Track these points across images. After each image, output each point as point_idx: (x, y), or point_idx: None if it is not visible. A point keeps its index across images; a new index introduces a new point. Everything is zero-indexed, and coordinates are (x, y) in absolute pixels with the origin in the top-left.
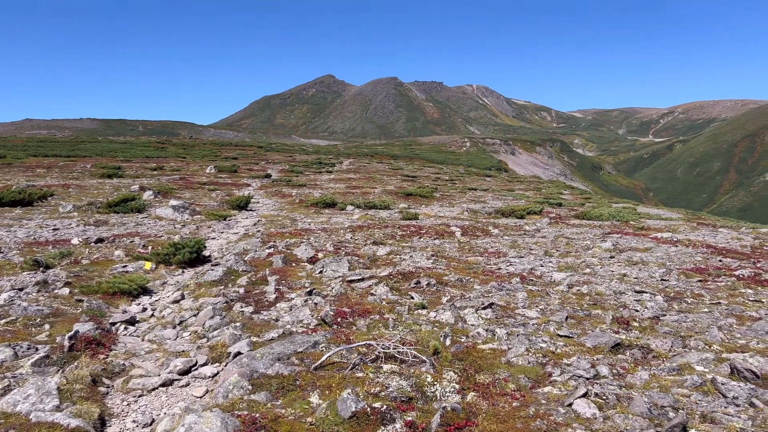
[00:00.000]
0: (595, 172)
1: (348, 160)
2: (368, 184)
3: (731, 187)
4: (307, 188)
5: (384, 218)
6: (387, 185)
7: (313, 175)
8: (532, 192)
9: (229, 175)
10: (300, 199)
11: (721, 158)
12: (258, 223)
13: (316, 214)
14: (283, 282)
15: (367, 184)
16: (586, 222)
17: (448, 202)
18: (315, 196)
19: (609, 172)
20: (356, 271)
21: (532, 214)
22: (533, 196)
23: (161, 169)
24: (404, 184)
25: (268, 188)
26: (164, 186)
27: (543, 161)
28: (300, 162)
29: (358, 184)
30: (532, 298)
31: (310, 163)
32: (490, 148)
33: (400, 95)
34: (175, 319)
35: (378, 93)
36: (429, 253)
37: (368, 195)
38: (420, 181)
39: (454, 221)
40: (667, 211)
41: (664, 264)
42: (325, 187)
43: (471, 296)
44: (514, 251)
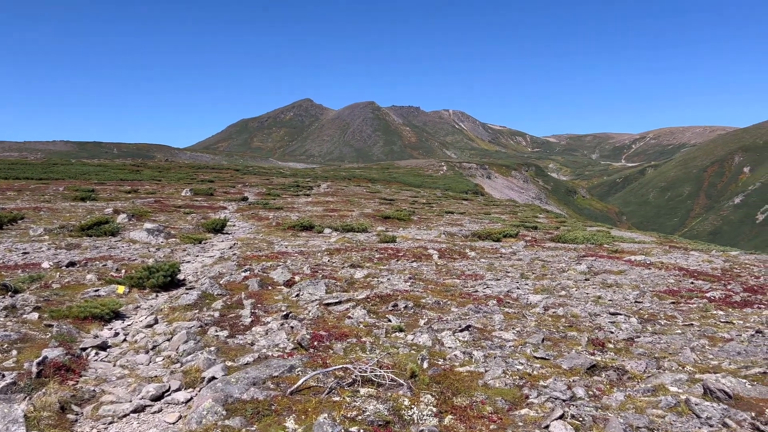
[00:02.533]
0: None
1: (325, 183)
2: (346, 207)
3: (701, 211)
4: (284, 211)
5: (362, 241)
6: (365, 208)
7: (291, 198)
8: (508, 215)
9: (205, 198)
10: (277, 222)
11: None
12: (234, 246)
13: (293, 237)
14: (259, 305)
15: (344, 207)
16: (562, 245)
17: (425, 225)
18: (292, 219)
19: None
20: (333, 294)
21: (509, 237)
22: (509, 220)
23: (136, 192)
24: (382, 207)
25: (245, 211)
26: (139, 209)
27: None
28: (277, 185)
29: (335, 207)
30: (509, 321)
31: (288, 186)
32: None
33: (377, 119)
34: (148, 344)
35: (356, 117)
36: (407, 276)
37: (346, 218)
38: (398, 204)
39: (431, 244)
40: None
41: (638, 286)
42: (302, 210)
43: (448, 319)
44: (491, 274)
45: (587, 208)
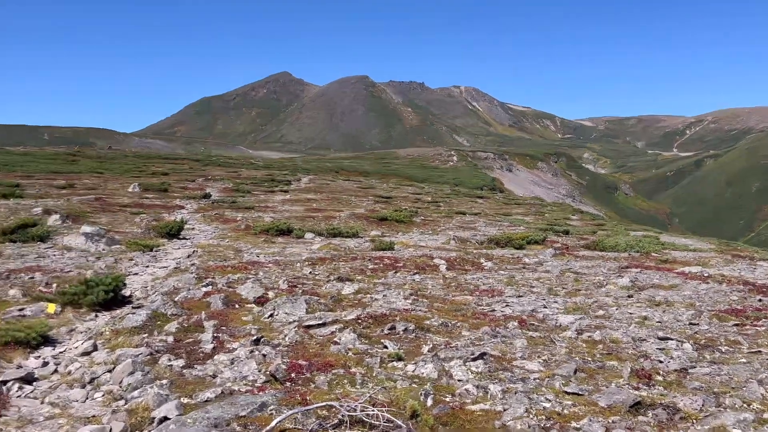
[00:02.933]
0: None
1: (307, 177)
2: (332, 206)
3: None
4: (256, 211)
5: (351, 248)
6: (356, 208)
7: (264, 196)
8: (532, 217)
9: (157, 195)
10: (247, 224)
11: (759, 176)
12: (193, 255)
13: (266, 243)
14: (223, 328)
15: (330, 207)
16: (599, 254)
17: (430, 229)
18: (266, 221)
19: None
20: (316, 314)
21: (534, 243)
22: (534, 222)
23: (72, 188)
24: (377, 207)
25: (207, 211)
26: (75, 208)
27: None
28: (247, 179)
29: (319, 207)
30: (534, 347)
31: (260, 180)
32: (481, 163)
33: (372, 98)
34: (85, 377)
35: (345, 95)
36: (407, 292)
37: (332, 220)
38: (396, 202)
39: (438, 252)
40: (696, 240)
41: (693, 304)
42: (278, 210)
43: (458, 345)
44: (512, 289)
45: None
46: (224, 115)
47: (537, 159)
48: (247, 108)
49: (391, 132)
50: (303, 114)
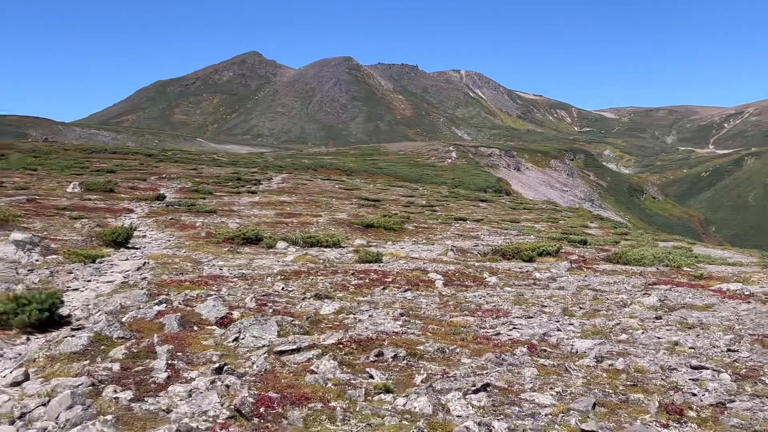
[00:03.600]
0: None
1: (280, 176)
2: (309, 210)
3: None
4: (219, 216)
5: (332, 260)
6: (337, 212)
7: (229, 198)
8: (545, 224)
9: (102, 196)
10: (208, 231)
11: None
12: (144, 267)
13: (231, 253)
14: (179, 354)
15: (307, 211)
16: (622, 268)
17: (425, 238)
18: (230, 227)
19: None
20: (289, 337)
21: (546, 255)
22: (547, 230)
23: (0, 187)
24: (362, 211)
25: (161, 215)
26: (3, 212)
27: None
28: (209, 177)
29: (294, 211)
30: (545, 377)
31: (225, 179)
32: (485, 161)
33: (356, 83)
34: (15, 411)
35: (325, 79)
36: (397, 312)
37: (309, 226)
38: (385, 206)
39: (433, 265)
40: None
41: (732, 328)
42: (245, 214)
43: (457, 374)
44: (520, 309)
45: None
46: (183, 102)
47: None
48: (209, 94)
49: (378, 123)
50: (275, 101)
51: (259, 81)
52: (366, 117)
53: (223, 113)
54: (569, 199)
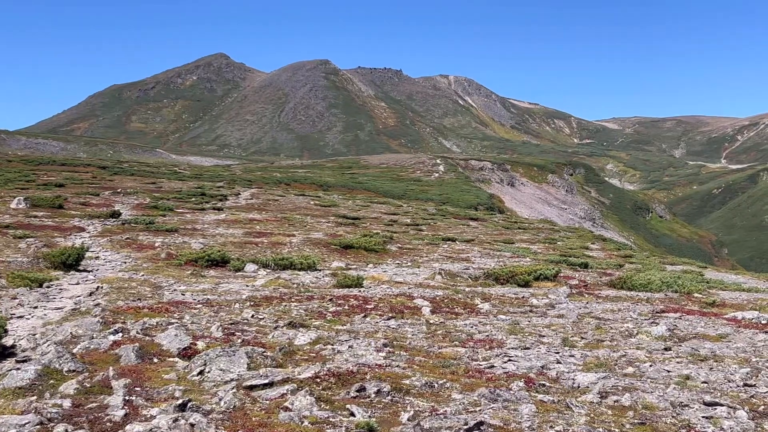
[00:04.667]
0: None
1: (249, 191)
2: (282, 229)
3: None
4: (181, 235)
5: (307, 285)
6: (312, 231)
7: (192, 215)
8: (541, 245)
9: (50, 213)
10: (168, 252)
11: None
12: (97, 293)
13: (194, 277)
14: (137, 389)
15: (279, 230)
16: (627, 293)
17: (410, 260)
18: (193, 248)
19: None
20: (260, 371)
21: (543, 280)
22: (544, 252)
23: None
24: (340, 231)
25: (116, 235)
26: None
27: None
28: (170, 192)
29: (264, 230)
30: (545, 414)
31: (187, 194)
32: (476, 175)
33: (334, 89)
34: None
35: (299, 84)
36: (380, 342)
37: (281, 247)
38: (366, 225)
39: (420, 290)
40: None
41: (749, 360)
42: (210, 233)
43: (447, 411)
44: (516, 339)
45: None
46: (140, 109)
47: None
48: (170, 100)
49: (358, 133)
50: (244, 109)
51: (226, 86)
52: (344, 126)
53: (186, 121)
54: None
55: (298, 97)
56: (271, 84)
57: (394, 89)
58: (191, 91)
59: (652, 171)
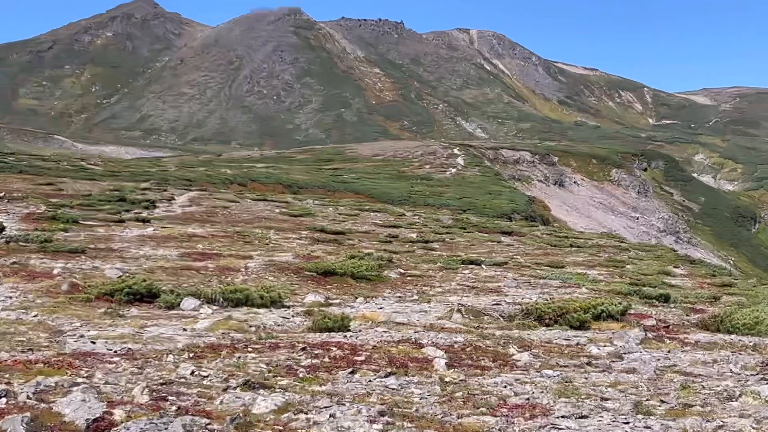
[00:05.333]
0: (743, 227)
1: (188, 195)
2: (234, 248)
3: None
4: (91, 258)
5: (271, 328)
6: (278, 252)
7: (106, 229)
8: (604, 270)
9: None
10: (73, 283)
11: None
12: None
13: (110, 317)
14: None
15: (231, 250)
16: (725, 338)
17: (417, 292)
18: (109, 276)
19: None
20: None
21: (606, 319)
22: (607, 280)
23: None
24: (318, 250)
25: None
26: None
27: (628, 201)
28: (75, 197)
29: (210, 250)
30: None
31: (100, 199)
32: (510, 171)
33: (308, 49)
34: None
35: (258, 42)
36: (375, 409)
37: (234, 274)
38: (354, 242)
39: (430, 335)
40: None
41: None
42: (132, 255)
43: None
44: (567, 403)
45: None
46: (31, 79)
47: (611, 164)
48: (74, 66)
49: (342, 112)
50: (180, 78)
51: (154, 45)
52: (323, 102)
53: (97, 96)
54: (641, 231)
55: (256, 61)
56: (218, 42)
57: (393, 49)
58: (104, 52)
59: (759, 164)
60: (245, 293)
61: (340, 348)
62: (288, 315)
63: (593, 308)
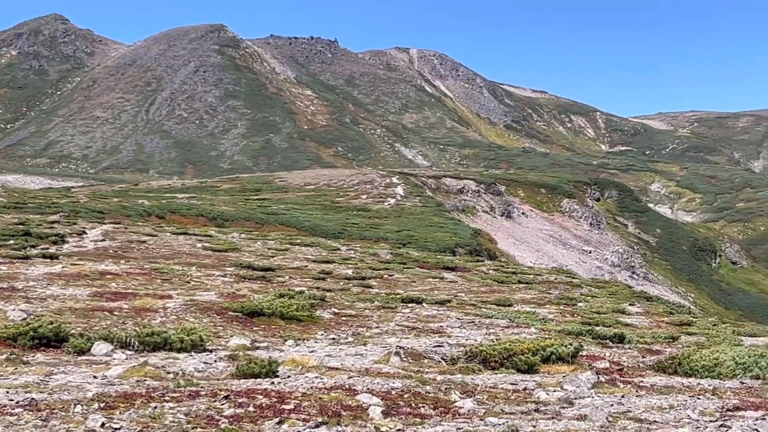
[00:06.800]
0: (702, 261)
1: (101, 228)
2: (152, 287)
3: None
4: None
5: (191, 374)
6: (200, 290)
7: (9, 266)
8: (554, 308)
9: None
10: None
11: None
12: None
13: (12, 364)
14: None
15: (148, 288)
16: (683, 382)
17: (352, 333)
18: (11, 318)
19: (734, 262)
20: None
21: (556, 362)
22: (558, 319)
23: None
24: (244, 288)
25: None
26: None
27: (580, 233)
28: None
29: (124, 289)
30: None
31: (2, 234)
32: (453, 201)
33: (233, 69)
34: None
35: (179, 62)
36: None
37: (151, 316)
38: (284, 279)
39: (366, 381)
40: None
41: None
42: (38, 295)
43: None
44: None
45: (743, 289)
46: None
47: (562, 193)
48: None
49: (272, 137)
50: (93, 100)
51: (64, 65)
52: (250, 126)
53: (0, 120)
54: (595, 266)
55: (177, 82)
56: (135, 62)
57: (327, 70)
58: (8, 72)
59: (719, 193)
60: (163, 336)
61: (267, 396)
62: (210, 360)
63: (542, 350)
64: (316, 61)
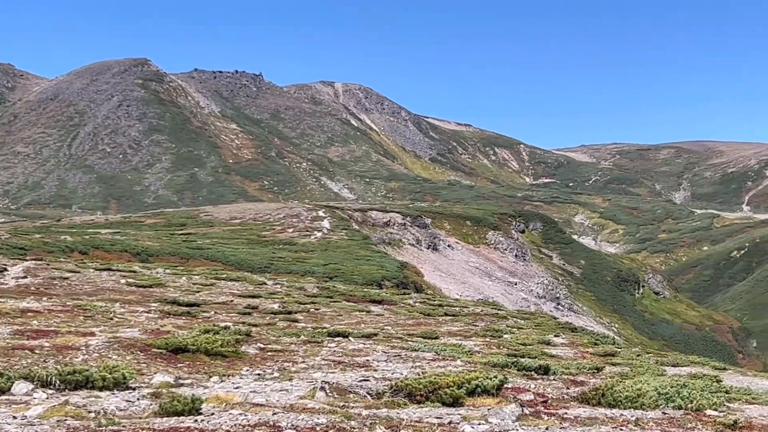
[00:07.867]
0: (626, 292)
1: (22, 265)
2: (74, 324)
3: None
4: None
5: (113, 413)
6: (124, 327)
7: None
8: (480, 340)
9: None
10: None
11: None
12: None
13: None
14: None
15: (70, 326)
16: (606, 413)
17: (278, 368)
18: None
19: (656, 292)
20: None
21: (481, 394)
22: (484, 352)
23: None
24: (168, 325)
25: None
26: None
27: (505, 265)
28: None
29: (46, 326)
30: None
31: None
32: (379, 234)
33: (157, 103)
34: None
35: (102, 96)
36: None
37: (73, 353)
38: (209, 315)
39: (291, 417)
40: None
41: None
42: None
43: None
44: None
45: (666, 319)
46: None
47: (487, 225)
48: None
49: (196, 172)
50: (13, 135)
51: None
52: (174, 161)
53: None
54: (520, 297)
55: (100, 117)
56: (57, 96)
57: (252, 103)
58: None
59: (641, 224)
60: (85, 374)
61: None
62: (133, 398)
63: (467, 383)
64: (241, 95)
